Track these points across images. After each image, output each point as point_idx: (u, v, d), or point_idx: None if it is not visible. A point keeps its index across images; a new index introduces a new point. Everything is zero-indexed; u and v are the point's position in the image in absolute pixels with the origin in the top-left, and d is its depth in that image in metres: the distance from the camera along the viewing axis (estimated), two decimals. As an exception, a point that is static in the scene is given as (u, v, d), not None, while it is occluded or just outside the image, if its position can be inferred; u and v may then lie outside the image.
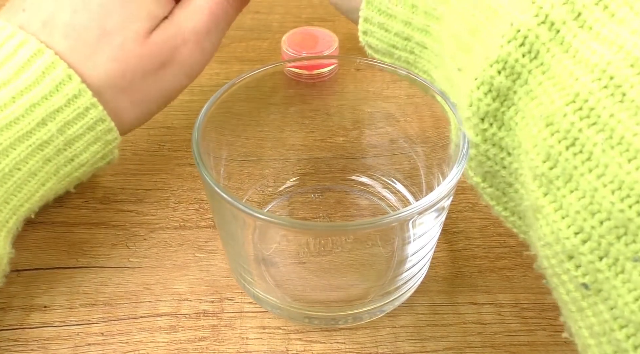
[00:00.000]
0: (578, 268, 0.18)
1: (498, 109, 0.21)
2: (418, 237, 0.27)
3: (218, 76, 0.47)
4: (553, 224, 0.18)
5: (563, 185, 0.18)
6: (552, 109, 0.18)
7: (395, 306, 0.31)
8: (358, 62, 0.35)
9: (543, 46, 0.19)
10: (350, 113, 0.38)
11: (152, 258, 0.34)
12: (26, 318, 0.31)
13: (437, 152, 0.33)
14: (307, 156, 0.38)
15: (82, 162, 0.32)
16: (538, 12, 0.19)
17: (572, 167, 0.18)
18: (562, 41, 0.19)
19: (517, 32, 0.20)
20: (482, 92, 0.21)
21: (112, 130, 0.32)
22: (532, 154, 0.19)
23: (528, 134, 0.20)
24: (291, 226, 0.25)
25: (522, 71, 0.20)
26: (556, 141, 0.18)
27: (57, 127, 0.30)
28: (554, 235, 0.18)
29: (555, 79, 0.19)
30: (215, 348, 0.30)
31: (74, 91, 0.30)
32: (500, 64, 0.20)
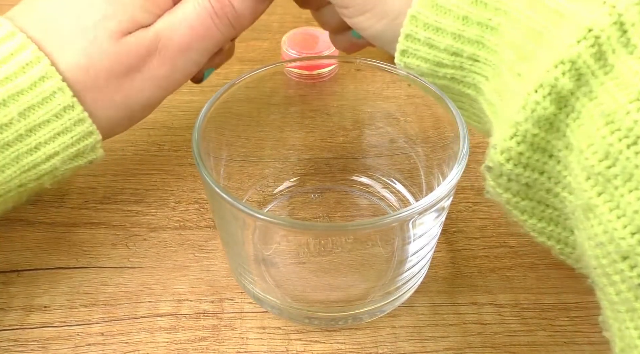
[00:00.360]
0: (633, 268, 0.17)
1: (555, 113, 0.20)
2: (418, 237, 0.27)
3: (218, 76, 0.47)
4: (607, 223, 0.18)
5: (622, 184, 0.18)
6: (613, 107, 0.18)
7: (396, 306, 0.31)
8: (358, 62, 0.35)
9: (610, 47, 0.19)
10: (350, 113, 0.38)
11: (152, 258, 0.34)
12: (26, 318, 0.31)
13: (437, 153, 0.33)
14: (307, 156, 0.38)
15: (50, 154, 0.29)
16: (611, 12, 0.19)
17: (633, 166, 0.17)
18: (628, 43, 0.19)
19: (589, 31, 0.19)
20: (541, 96, 0.20)
21: (83, 120, 0.29)
22: (587, 153, 0.19)
23: (582, 133, 0.19)
24: (291, 226, 0.25)
25: (586, 73, 0.19)
26: (616, 139, 0.18)
27: (18, 110, 0.27)
28: (607, 235, 0.18)
29: (619, 79, 0.19)
30: (215, 348, 0.30)
31: (40, 73, 0.28)
32: (567, 65, 0.19)
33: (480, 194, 0.37)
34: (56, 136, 0.29)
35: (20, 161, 0.28)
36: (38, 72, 0.28)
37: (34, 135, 0.28)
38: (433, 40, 0.27)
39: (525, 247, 0.34)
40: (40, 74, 0.28)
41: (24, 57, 0.28)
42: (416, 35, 0.27)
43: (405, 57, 0.28)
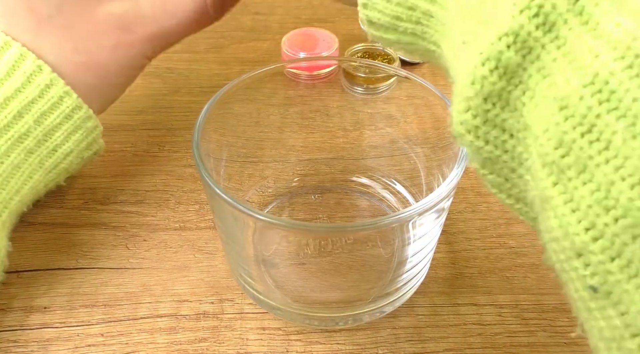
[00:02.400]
0: (587, 267, 0.16)
1: (504, 88, 0.19)
2: (418, 238, 0.27)
3: (218, 77, 0.47)
4: (562, 217, 0.17)
5: (575, 175, 0.16)
6: (567, 91, 0.16)
7: (396, 307, 0.31)
8: (358, 63, 0.35)
9: (560, 17, 0.17)
10: (351, 114, 0.38)
11: (152, 259, 0.34)
12: (26, 319, 0.31)
13: (437, 153, 0.33)
14: (307, 157, 0.38)
15: (66, 152, 0.32)
16: None
17: (587, 156, 0.16)
18: (582, 11, 0.17)
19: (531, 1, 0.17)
20: (488, 69, 0.18)
21: (90, 117, 0.32)
22: (542, 139, 0.17)
23: (538, 116, 0.18)
24: (291, 227, 0.25)
25: (534, 46, 0.18)
26: (570, 126, 0.16)
27: (33, 118, 0.30)
28: (562, 229, 0.17)
29: (572, 55, 0.17)
30: (215, 349, 0.30)
31: (45, 81, 0.30)
32: (511, 38, 0.18)
33: (480, 195, 0.37)
34: (70, 136, 0.32)
35: (44, 164, 0.31)
36: (43, 81, 0.30)
37: (51, 138, 0.31)
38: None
39: (525, 248, 0.34)
40: (46, 82, 0.30)
41: (27, 68, 0.30)
42: None
43: (367, 9, 0.27)
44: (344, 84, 0.42)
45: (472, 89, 0.19)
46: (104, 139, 0.41)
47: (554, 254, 0.18)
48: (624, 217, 0.15)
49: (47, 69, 0.30)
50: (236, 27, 0.52)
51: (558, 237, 0.17)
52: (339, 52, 0.46)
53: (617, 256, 0.15)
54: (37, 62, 0.30)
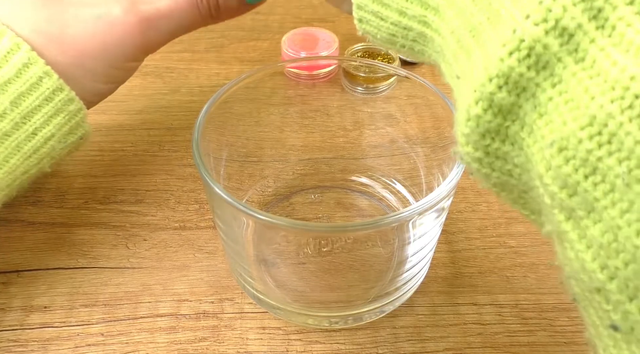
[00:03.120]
0: (608, 302, 0.16)
1: (501, 124, 0.18)
2: (418, 237, 0.27)
3: (218, 76, 0.47)
4: (578, 253, 0.16)
5: (585, 215, 0.16)
6: (565, 132, 0.16)
7: (396, 306, 0.31)
8: (358, 62, 0.35)
9: (553, 56, 0.16)
10: (351, 114, 0.38)
11: (152, 259, 0.34)
12: (26, 318, 0.31)
13: (437, 153, 0.33)
14: (307, 157, 0.38)
15: (47, 136, 0.30)
16: (546, 17, 0.16)
17: (593, 198, 0.15)
18: (577, 48, 0.16)
19: (521, 42, 0.16)
20: (482, 108, 0.18)
21: (73, 100, 0.30)
22: (546, 179, 0.17)
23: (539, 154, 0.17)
24: (291, 227, 0.25)
25: (528, 85, 0.17)
26: (572, 168, 0.16)
27: (9, 99, 0.28)
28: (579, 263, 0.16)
29: (568, 94, 0.16)
30: (215, 348, 0.30)
31: (23, 59, 0.28)
32: (502, 79, 0.17)
33: (480, 195, 0.37)
34: (50, 119, 0.30)
35: (22, 149, 0.29)
36: (20, 59, 0.28)
37: (30, 121, 0.29)
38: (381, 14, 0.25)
39: (525, 247, 0.34)
40: (23, 61, 0.28)
41: (4, 45, 0.28)
42: (366, 7, 0.26)
43: (363, 24, 0.27)
44: (344, 84, 0.42)
45: (468, 127, 0.19)
46: (104, 139, 0.41)
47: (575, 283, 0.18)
48: (633, 262, 0.15)
49: (25, 47, 0.28)
50: (236, 27, 0.52)
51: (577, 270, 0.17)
52: (339, 52, 0.46)
53: (634, 297, 0.15)
54: (15, 40, 0.28)
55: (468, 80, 0.19)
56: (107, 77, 0.32)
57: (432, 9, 0.23)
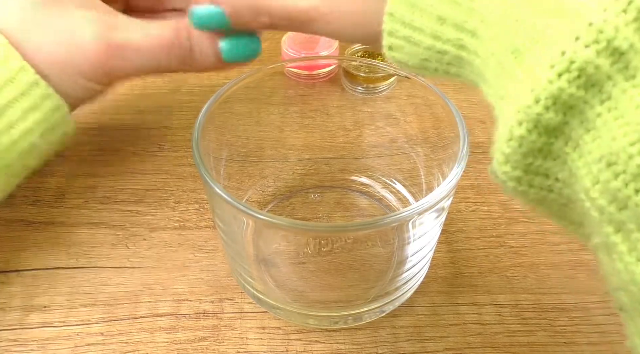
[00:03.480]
0: None
1: (545, 142, 0.18)
2: (418, 237, 0.27)
3: (218, 76, 0.47)
4: (628, 264, 0.16)
5: (636, 228, 0.16)
6: (614, 148, 0.16)
7: (396, 306, 0.31)
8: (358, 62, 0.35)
9: (604, 75, 0.16)
10: (351, 113, 0.38)
11: (152, 258, 0.34)
12: (26, 318, 0.31)
13: (437, 153, 0.33)
14: (307, 156, 0.38)
15: (24, 131, 0.30)
16: (597, 38, 0.16)
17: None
18: (627, 66, 0.16)
19: (571, 64, 0.16)
20: (526, 129, 0.18)
21: (50, 96, 0.30)
22: (593, 193, 0.17)
23: (585, 169, 0.17)
24: (291, 227, 0.25)
25: (576, 103, 0.17)
26: (622, 183, 0.16)
27: None
28: (629, 275, 0.16)
29: (618, 111, 0.16)
30: (215, 348, 0.30)
31: None
32: (550, 100, 0.17)
33: (480, 195, 0.37)
34: (27, 113, 0.29)
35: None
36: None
37: (5, 115, 0.29)
38: (414, 39, 0.25)
39: (525, 247, 0.34)
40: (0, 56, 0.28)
41: None
42: (397, 33, 0.25)
43: (393, 51, 0.26)
44: (344, 84, 0.42)
45: (509, 147, 0.19)
46: (104, 139, 0.41)
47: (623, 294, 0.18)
48: None
49: (2, 40, 0.29)
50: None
51: (626, 281, 0.17)
52: (339, 52, 0.46)
53: None
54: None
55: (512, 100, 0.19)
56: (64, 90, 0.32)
57: (469, 32, 0.23)
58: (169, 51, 0.31)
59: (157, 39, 0.31)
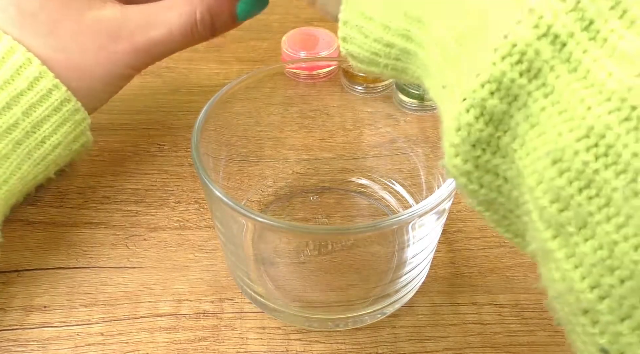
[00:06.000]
0: (595, 324, 0.15)
1: (492, 134, 0.18)
2: (418, 240, 0.27)
3: (218, 76, 0.47)
4: (565, 272, 0.16)
5: (576, 231, 0.15)
6: (559, 144, 0.15)
7: (396, 308, 0.31)
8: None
9: (545, 64, 0.16)
10: (350, 113, 0.38)
11: (152, 258, 0.34)
12: (26, 318, 0.31)
13: (437, 153, 0.33)
14: (307, 157, 0.38)
15: (55, 144, 0.32)
16: (538, 23, 0.16)
17: (587, 213, 0.15)
18: (569, 58, 0.16)
19: (513, 47, 0.16)
20: (473, 116, 0.17)
21: (79, 110, 0.33)
22: (537, 192, 0.16)
23: (530, 166, 0.17)
24: (292, 230, 0.25)
25: (519, 93, 0.17)
26: (566, 181, 0.15)
27: (22, 110, 0.30)
28: (566, 284, 0.16)
29: (562, 105, 0.16)
30: (215, 348, 0.30)
31: (34, 73, 0.31)
32: (494, 85, 0.17)
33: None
34: (58, 128, 0.32)
35: (32, 156, 0.31)
36: (32, 73, 0.31)
37: (39, 130, 0.31)
38: (365, 29, 0.25)
39: (525, 247, 0.34)
40: (35, 75, 0.31)
41: (16, 60, 0.30)
42: (351, 22, 0.25)
43: (346, 43, 0.26)
44: (344, 83, 0.42)
45: (459, 136, 0.18)
46: (104, 139, 0.41)
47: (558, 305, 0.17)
48: (630, 279, 0.14)
49: (36, 62, 0.31)
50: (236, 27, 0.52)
51: (562, 292, 0.16)
52: (339, 52, 0.46)
53: (626, 317, 0.14)
54: (27, 55, 0.30)
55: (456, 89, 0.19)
56: (102, 93, 0.35)
57: (416, 21, 0.22)
58: (193, 34, 0.34)
59: (181, 29, 0.33)
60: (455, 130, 0.18)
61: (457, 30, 0.20)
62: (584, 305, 0.15)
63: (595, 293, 0.15)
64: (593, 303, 0.15)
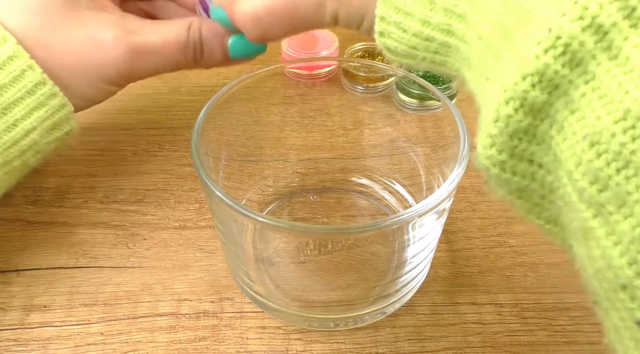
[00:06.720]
0: (633, 300, 0.16)
1: (531, 123, 0.18)
2: (418, 239, 0.27)
3: (218, 76, 0.47)
4: (605, 249, 0.16)
5: (616, 210, 0.16)
6: (597, 127, 0.16)
7: (396, 308, 0.31)
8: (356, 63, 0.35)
9: (588, 53, 0.17)
10: (350, 113, 0.38)
11: (152, 258, 0.34)
12: (26, 318, 0.31)
13: (437, 153, 0.33)
14: (307, 156, 0.38)
15: (28, 129, 0.30)
16: (583, 14, 0.16)
17: (625, 192, 0.15)
18: (610, 45, 0.16)
19: (557, 39, 0.17)
20: (512, 108, 0.18)
21: (56, 95, 0.31)
22: (576, 174, 0.17)
23: (568, 150, 0.17)
24: (292, 229, 0.25)
25: (561, 82, 0.17)
26: (604, 163, 0.16)
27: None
28: (605, 261, 0.16)
29: (601, 90, 0.16)
30: (215, 347, 0.30)
31: (8, 52, 0.29)
32: (536, 77, 0.17)
33: (480, 194, 0.37)
34: (31, 112, 0.30)
35: (1, 139, 0.30)
36: (6, 52, 0.29)
37: (10, 112, 0.30)
38: (404, 24, 0.25)
39: (525, 247, 0.34)
40: (8, 54, 0.29)
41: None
42: (389, 18, 0.26)
43: (383, 38, 0.26)
44: (344, 83, 0.42)
45: (496, 127, 0.19)
46: (104, 139, 0.41)
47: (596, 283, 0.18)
48: None
49: (11, 40, 0.29)
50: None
51: (602, 268, 0.17)
52: (339, 51, 0.46)
53: None
54: (2, 34, 0.29)
55: (497, 81, 0.19)
56: (83, 91, 0.33)
57: (458, 16, 0.23)
58: (184, 52, 0.33)
59: (173, 42, 0.33)
60: (494, 121, 0.19)
61: (500, 25, 0.20)
62: (622, 281, 0.16)
63: (634, 269, 0.15)
64: (631, 279, 0.15)
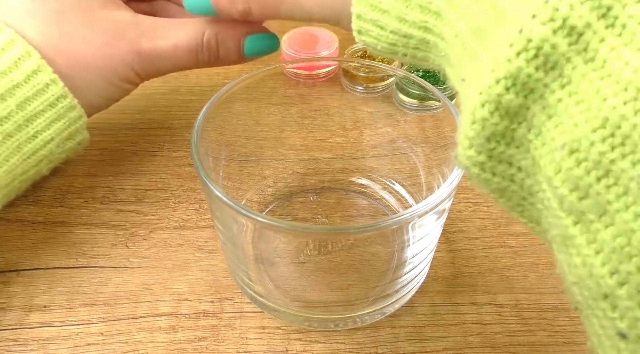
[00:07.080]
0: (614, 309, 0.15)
1: (508, 127, 0.18)
2: (418, 240, 0.27)
3: (218, 76, 0.47)
4: (586, 257, 0.16)
5: (597, 218, 0.15)
6: (576, 134, 0.16)
7: (396, 308, 0.31)
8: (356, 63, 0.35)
9: (562, 56, 0.16)
10: (350, 113, 0.38)
11: (152, 258, 0.34)
12: (26, 317, 0.31)
13: (437, 153, 0.33)
14: (307, 157, 0.38)
15: (47, 140, 0.32)
16: (553, 16, 0.16)
17: (606, 201, 0.15)
18: (586, 47, 0.16)
19: (529, 42, 0.16)
20: (488, 111, 0.17)
21: (75, 107, 0.32)
22: (556, 182, 0.16)
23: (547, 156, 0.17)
24: (292, 230, 0.25)
25: (536, 86, 0.17)
26: (584, 171, 0.15)
27: (16, 102, 0.30)
28: (586, 269, 0.16)
29: (578, 95, 0.16)
30: (215, 348, 0.30)
31: (32, 67, 0.30)
32: (509, 81, 0.17)
33: (480, 194, 0.37)
34: (51, 123, 0.32)
35: (22, 150, 0.31)
36: (30, 66, 0.30)
37: (32, 124, 0.31)
38: (381, 22, 0.25)
39: (525, 247, 0.34)
40: (33, 68, 0.30)
41: (16, 52, 0.30)
42: (365, 16, 0.25)
43: (362, 36, 0.26)
44: (344, 83, 0.42)
45: (473, 130, 0.18)
46: (104, 138, 0.41)
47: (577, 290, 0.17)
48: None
49: (35, 55, 0.30)
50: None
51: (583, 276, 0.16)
52: (339, 51, 0.46)
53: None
54: (27, 48, 0.30)
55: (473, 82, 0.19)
56: (104, 91, 0.34)
57: (433, 14, 0.23)
58: (197, 54, 0.34)
59: (186, 45, 0.33)
60: (471, 123, 0.18)
61: (474, 24, 0.20)
62: (604, 290, 0.15)
63: (615, 278, 0.15)
64: (613, 288, 0.15)
